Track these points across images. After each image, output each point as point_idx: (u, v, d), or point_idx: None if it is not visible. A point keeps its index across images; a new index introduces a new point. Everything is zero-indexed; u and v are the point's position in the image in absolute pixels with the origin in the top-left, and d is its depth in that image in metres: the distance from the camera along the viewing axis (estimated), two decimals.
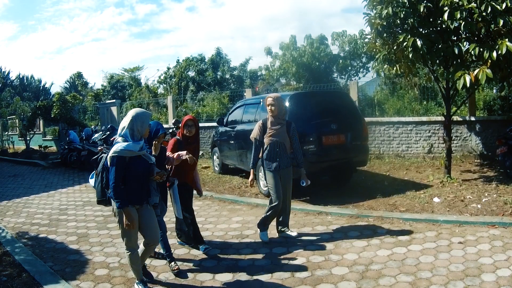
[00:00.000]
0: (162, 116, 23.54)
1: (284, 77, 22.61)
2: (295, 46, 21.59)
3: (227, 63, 33.13)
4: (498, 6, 8.30)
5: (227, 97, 21.78)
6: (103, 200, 5.44)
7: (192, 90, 30.54)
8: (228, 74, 32.83)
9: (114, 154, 4.93)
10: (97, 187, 5.47)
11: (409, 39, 9.11)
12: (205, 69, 32.12)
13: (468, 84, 8.52)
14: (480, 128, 13.53)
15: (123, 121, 5.16)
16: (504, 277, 5.41)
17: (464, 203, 8.60)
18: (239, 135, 11.64)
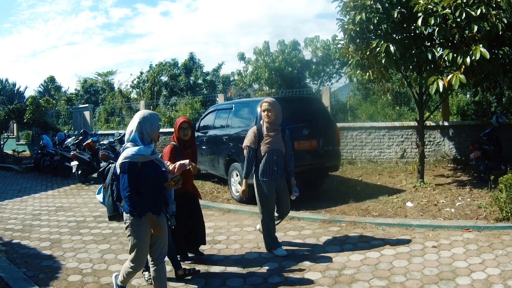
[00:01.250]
0: None
1: (257, 83, 22.59)
2: (268, 52, 21.64)
3: (200, 68, 33.33)
4: (472, 12, 8.45)
5: (200, 102, 21.89)
6: (115, 215, 5.05)
7: (165, 95, 30.52)
8: (201, 79, 32.97)
9: (125, 160, 4.55)
10: (107, 202, 5.10)
11: (382, 44, 9.19)
12: (178, 74, 32.33)
13: (441, 89, 8.65)
14: (453, 133, 13.76)
15: (130, 125, 4.83)
16: (479, 280, 5.47)
17: (437, 207, 8.71)
18: (211, 141, 11.69)
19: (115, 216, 5.07)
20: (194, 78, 32.64)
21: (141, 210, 4.66)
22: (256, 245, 7.33)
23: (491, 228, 7.30)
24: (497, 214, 7.63)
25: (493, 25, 8.65)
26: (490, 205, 8.23)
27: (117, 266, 6.58)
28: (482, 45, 8.43)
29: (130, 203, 4.61)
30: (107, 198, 5.08)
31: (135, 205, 4.62)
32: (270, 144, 6.60)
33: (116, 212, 5.01)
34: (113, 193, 4.96)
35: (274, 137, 6.63)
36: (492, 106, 15.42)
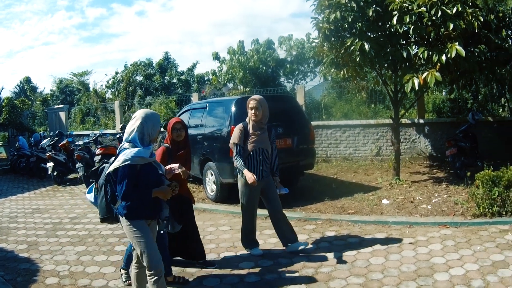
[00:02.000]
0: (110, 121, 23.56)
1: (232, 82, 22.76)
2: (243, 51, 21.75)
3: (175, 67, 33.44)
4: (448, 11, 8.51)
5: (174, 102, 21.86)
6: (108, 218, 4.83)
7: (139, 94, 30.50)
8: (176, 79, 33.07)
9: (125, 162, 4.33)
10: (100, 203, 4.83)
11: (356, 43, 9.22)
12: (152, 73, 32.44)
13: (417, 87, 8.72)
14: (429, 130, 13.90)
15: (130, 124, 4.60)
16: (457, 276, 5.49)
17: (413, 204, 8.75)
18: None
19: (108, 219, 4.86)
20: (169, 78, 32.79)
21: (138, 214, 4.54)
22: (232, 244, 7.29)
23: (468, 224, 7.35)
24: (474, 210, 7.68)
25: (469, 23, 8.72)
26: (467, 201, 8.29)
27: (94, 267, 6.55)
28: (458, 43, 8.50)
29: (128, 207, 4.48)
30: (100, 199, 4.83)
31: (132, 209, 4.49)
32: (255, 143, 6.46)
33: (109, 214, 4.80)
34: (107, 194, 4.71)
35: (260, 136, 6.50)
36: (468, 103, 15.62)
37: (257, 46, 21.47)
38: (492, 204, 7.45)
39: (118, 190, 4.43)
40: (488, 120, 13.45)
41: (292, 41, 21.83)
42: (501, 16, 10.31)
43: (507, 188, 7.46)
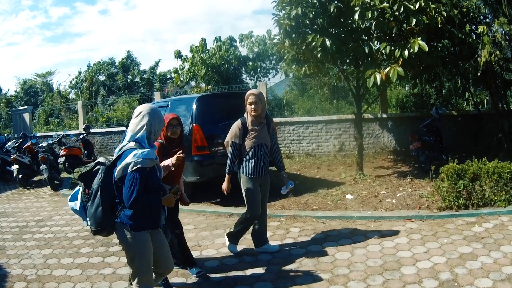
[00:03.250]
0: (74, 122, 23.43)
1: (194, 80, 22.89)
2: (205, 49, 21.94)
3: (137, 66, 33.52)
4: (411, 6, 8.63)
5: (137, 101, 21.82)
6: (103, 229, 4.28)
7: (103, 94, 30.46)
8: (138, 78, 33.05)
9: (137, 165, 3.97)
10: (93, 213, 4.20)
11: (318, 39, 9.23)
12: (115, 73, 32.40)
13: (379, 83, 8.82)
14: (392, 125, 14.05)
15: (135, 122, 4.26)
16: (425, 269, 5.53)
17: (378, 199, 8.80)
18: None
19: (103, 230, 4.31)
20: (131, 77, 32.82)
21: (145, 224, 4.25)
22: (196, 243, 7.22)
23: (434, 217, 7.41)
24: (439, 203, 7.75)
25: (432, 18, 8.86)
26: (432, 194, 8.37)
27: (61, 270, 6.43)
28: (420, 38, 8.63)
29: (134, 216, 4.15)
30: (94, 208, 4.20)
31: (139, 218, 4.17)
32: (256, 139, 6.26)
33: (106, 225, 4.25)
34: (104, 202, 4.17)
35: (260, 131, 6.30)
36: (432, 98, 15.89)
37: (219, 43, 21.71)
38: (458, 197, 7.54)
39: (126, 196, 4.00)
40: (452, 114, 13.68)
41: (253, 38, 22.27)
42: (465, 11, 10.45)
43: (472, 181, 7.55)
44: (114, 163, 4.18)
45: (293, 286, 5.45)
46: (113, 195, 4.20)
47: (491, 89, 12.00)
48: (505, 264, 5.49)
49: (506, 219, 7.05)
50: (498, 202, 7.47)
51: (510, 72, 11.76)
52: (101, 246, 7.30)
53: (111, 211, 4.21)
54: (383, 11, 8.88)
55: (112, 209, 4.21)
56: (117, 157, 4.17)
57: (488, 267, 5.45)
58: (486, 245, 6.12)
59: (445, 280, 5.20)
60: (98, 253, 7.01)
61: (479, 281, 5.10)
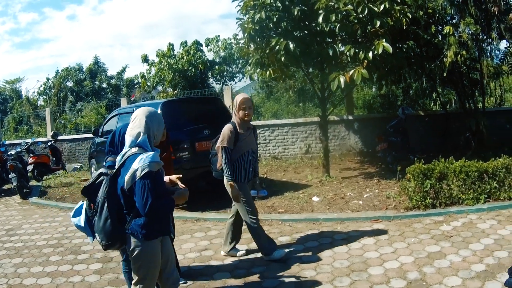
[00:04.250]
0: (42, 129, 23.30)
1: (161, 85, 22.93)
2: (172, 53, 21.98)
3: (105, 72, 33.71)
4: (375, 8, 8.67)
5: (105, 107, 21.82)
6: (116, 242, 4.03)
7: (71, 100, 30.57)
8: (106, 83, 33.22)
9: (145, 170, 3.71)
10: (102, 227, 3.95)
11: (281, 42, 9.24)
12: (83, 78, 32.57)
13: (343, 85, 8.86)
14: (358, 126, 14.10)
15: (133, 126, 4.10)
16: (392, 269, 5.50)
17: (344, 200, 8.76)
18: None
19: (115, 244, 4.06)
20: (99, 83, 33.06)
21: (158, 231, 4.02)
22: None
23: (401, 217, 7.41)
24: (406, 203, 7.76)
25: (397, 20, 8.96)
26: (399, 195, 8.38)
27: (31, 279, 6.30)
28: (385, 39, 8.67)
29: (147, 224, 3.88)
30: (103, 221, 3.96)
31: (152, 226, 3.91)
32: (246, 143, 6.17)
33: (117, 238, 4.00)
34: (112, 214, 3.94)
35: (249, 136, 6.24)
36: (399, 98, 16.02)
37: (186, 48, 21.83)
38: (425, 196, 7.56)
39: (140, 205, 3.73)
40: (419, 114, 13.88)
41: (219, 42, 22.51)
42: (431, 12, 10.58)
43: (439, 180, 7.59)
44: (117, 172, 3.96)
45: None
46: (120, 206, 3.98)
47: (458, 89, 12.14)
48: (474, 262, 5.49)
49: (474, 217, 7.09)
50: (466, 200, 7.52)
51: (477, 71, 11.84)
52: (70, 254, 7.20)
53: (121, 223, 3.97)
54: (348, 14, 8.89)
55: (120, 221, 3.97)
56: (121, 165, 3.94)
57: (457, 265, 5.44)
58: (455, 243, 6.12)
59: (413, 280, 5.17)
60: (67, 261, 6.90)
61: (448, 280, 5.07)
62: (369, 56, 8.69)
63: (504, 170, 7.62)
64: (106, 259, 6.82)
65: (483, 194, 7.59)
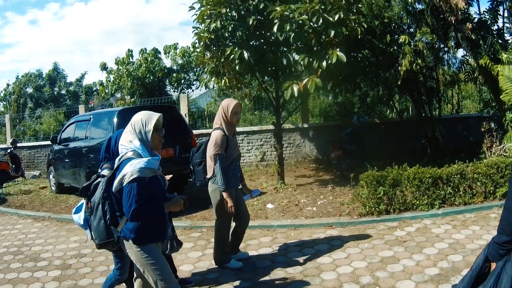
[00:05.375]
0: (2, 135, 23.12)
1: (119, 92, 22.79)
2: (131, 60, 21.97)
3: (64, 78, 33.56)
4: (330, 18, 8.70)
5: (63, 114, 21.60)
6: (108, 243, 4.19)
7: (30, 107, 30.36)
8: (65, 90, 33.08)
9: (134, 175, 3.72)
10: (96, 226, 4.17)
11: (236, 51, 9.23)
12: (42, 85, 32.36)
13: (296, 94, 8.86)
14: (314, 134, 14.15)
15: (126, 131, 4.10)
16: (345, 274, 5.51)
17: (298, 207, 8.76)
18: (72, 153, 11.52)
19: (107, 244, 4.21)
20: (58, 89, 32.96)
21: (149, 237, 3.96)
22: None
23: (355, 223, 7.45)
24: (360, 209, 7.83)
25: (352, 29, 9.05)
26: (353, 201, 8.44)
27: (7, 286, 6.23)
28: (339, 49, 8.70)
29: (136, 229, 3.87)
30: (97, 221, 4.17)
31: (141, 231, 3.88)
32: (234, 149, 6.00)
33: (109, 238, 4.13)
34: (105, 215, 4.09)
35: (235, 142, 6.11)
36: (356, 106, 16.20)
37: (145, 55, 21.81)
38: (379, 203, 7.62)
39: (125, 209, 3.79)
40: (375, 122, 14.05)
41: (177, 50, 22.52)
42: (387, 22, 10.69)
43: (393, 187, 7.67)
44: (113, 175, 3.97)
45: None
46: (115, 208, 4.03)
47: (414, 97, 12.28)
48: (428, 266, 5.53)
49: (429, 222, 7.18)
50: (421, 206, 7.63)
51: (434, 80, 12.01)
52: (30, 261, 7.13)
53: (114, 224, 4.04)
54: (302, 24, 8.92)
55: (115, 222, 4.04)
56: (116, 168, 3.94)
57: (411, 269, 5.47)
58: (408, 248, 6.18)
59: (365, 284, 5.18)
60: (27, 268, 6.81)
61: (401, 283, 5.11)
62: (323, 66, 8.72)
63: (458, 176, 7.75)
64: (65, 266, 6.79)
65: (438, 200, 7.71)
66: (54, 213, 10.49)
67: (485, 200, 7.82)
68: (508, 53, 9.31)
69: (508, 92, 8.43)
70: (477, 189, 7.87)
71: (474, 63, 10.43)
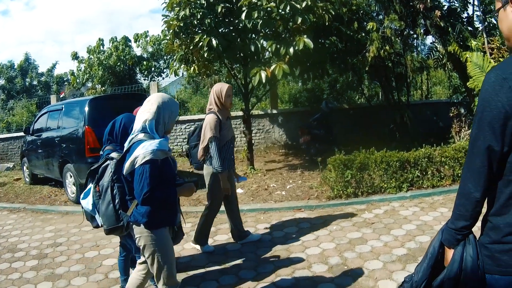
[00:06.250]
0: None
1: (90, 81, 22.70)
2: (102, 49, 21.85)
3: (35, 69, 33.11)
4: (297, 5, 8.75)
5: (35, 105, 21.39)
6: (116, 228, 4.05)
7: (2, 99, 29.83)
8: (36, 81, 32.74)
9: (147, 157, 3.52)
10: (104, 211, 4.03)
11: (204, 39, 9.25)
12: (14, 76, 31.97)
13: (264, 80, 8.89)
14: (283, 120, 14.21)
15: (143, 110, 3.84)
16: (314, 255, 5.58)
17: (268, 192, 8.82)
18: (45, 143, 11.44)
19: (116, 229, 4.07)
20: (30, 80, 32.59)
21: (161, 221, 3.80)
22: (95, 243, 7.06)
23: (323, 206, 7.54)
24: (328, 193, 7.92)
25: (319, 16, 9.10)
26: (321, 185, 8.53)
27: None
28: (306, 35, 8.76)
29: (149, 213, 3.68)
30: (105, 205, 4.02)
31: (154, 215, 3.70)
32: (229, 132, 6.01)
33: (118, 223, 4.01)
34: (115, 199, 3.96)
35: (229, 125, 6.09)
36: (325, 92, 16.32)
37: (115, 43, 21.79)
38: (346, 186, 7.73)
39: (137, 192, 3.59)
40: (344, 108, 14.15)
41: (148, 38, 22.71)
42: (355, 9, 10.80)
43: (360, 170, 7.78)
44: (123, 157, 3.80)
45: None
46: (124, 192, 3.88)
47: (382, 83, 12.40)
48: (395, 246, 5.64)
49: (397, 205, 7.33)
50: (389, 189, 7.76)
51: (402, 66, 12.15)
52: (7, 252, 7.08)
53: (123, 209, 3.92)
54: (270, 11, 8.93)
55: (124, 206, 3.91)
56: (126, 151, 3.77)
57: (378, 250, 5.57)
58: (376, 229, 6.28)
59: (334, 264, 5.26)
60: (5, 260, 6.77)
61: (369, 263, 5.19)
62: (290, 52, 8.77)
63: (426, 160, 7.91)
64: (41, 255, 6.75)
65: (406, 183, 7.84)
66: (29, 204, 10.50)
67: (454, 183, 7.95)
68: (477, 40, 9.48)
69: (475, 78, 8.55)
70: (445, 172, 8.03)
71: (443, 50, 10.54)
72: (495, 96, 1.91)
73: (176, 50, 10.82)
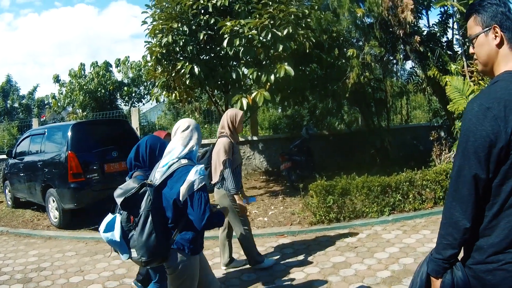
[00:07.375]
0: None
1: (71, 105, 22.68)
2: (83, 74, 21.90)
3: (17, 91, 33.22)
4: (279, 33, 8.87)
5: (17, 128, 21.18)
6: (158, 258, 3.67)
7: None
8: (17, 103, 32.77)
9: (202, 183, 3.49)
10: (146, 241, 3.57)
11: (186, 66, 9.40)
12: None
13: (245, 107, 8.97)
14: (263, 147, 14.23)
15: (183, 136, 3.78)
16: (298, 280, 5.61)
17: (250, 218, 8.66)
18: (27, 167, 11.42)
19: (156, 260, 3.70)
20: (11, 102, 32.64)
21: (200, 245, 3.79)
22: (79, 269, 7.04)
23: (306, 231, 7.58)
24: (310, 218, 7.96)
25: (300, 44, 9.23)
26: (303, 211, 8.55)
27: None
28: (287, 63, 8.90)
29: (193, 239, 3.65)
30: (145, 236, 3.59)
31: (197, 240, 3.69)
32: (238, 156, 6.14)
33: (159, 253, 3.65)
34: (157, 228, 3.60)
35: (238, 149, 6.25)
36: (305, 119, 16.39)
37: (96, 69, 21.88)
38: (328, 211, 7.77)
39: (198, 217, 3.51)
40: (324, 134, 14.22)
41: (128, 63, 22.74)
42: (335, 36, 10.90)
43: (342, 196, 7.84)
44: (164, 183, 3.68)
45: None
46: (165, 219, 3.70)
47: (362, 108, 12.53)
48: (379, 269, 5.69)
49: (379, 229, 7.38)
50: (371, 213, 7.84)
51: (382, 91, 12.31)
52: None
53: (164, 237, 3.67)
54: (252, 38, 9.05)
55: (164, 234, 3.67)
56: (168, 176, 3.67)
57: (363, 273, 5.61)
58: (360, 253, 6.32)
59: None
60: None
61: (354, 286, 5.22)
62: (271, 79, 8.89)
63: (407, 183, 8.01)
64: (26, 279, 6.77)
65: (387, 207, 7.93)
66: (11, 227, 10.46)
67: (435, 205, 8.08)
68: (456, 64, 9.66)
69: (455, 101, 8.70)
70: (426, 195, 8.13)
71: (422, 75, 10.73)
72: (479, 126, 1.98)
73: (158, 77, 10.89)
